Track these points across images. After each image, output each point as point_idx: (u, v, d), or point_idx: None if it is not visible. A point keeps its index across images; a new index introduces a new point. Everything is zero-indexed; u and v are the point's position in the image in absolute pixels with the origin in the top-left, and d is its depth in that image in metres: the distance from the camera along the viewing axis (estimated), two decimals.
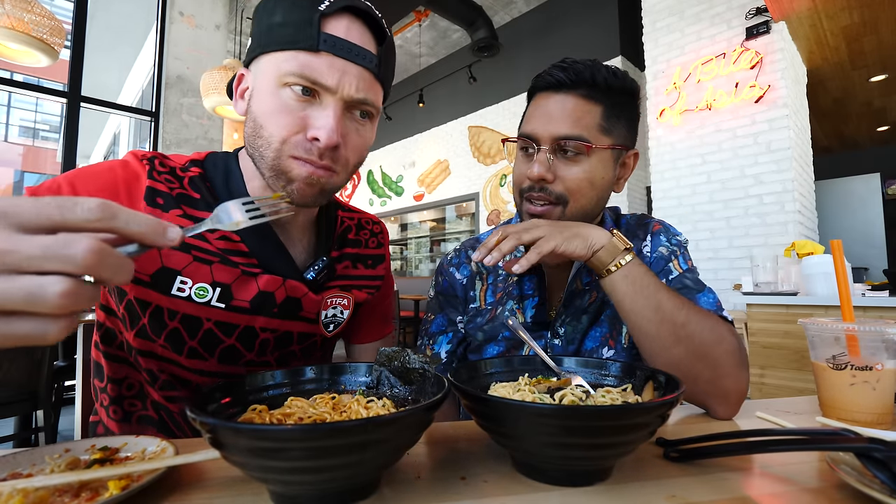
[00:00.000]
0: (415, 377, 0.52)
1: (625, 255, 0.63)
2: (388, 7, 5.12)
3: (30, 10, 2.44)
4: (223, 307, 0.62)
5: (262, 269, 0.64)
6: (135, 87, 8.67)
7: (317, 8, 0.55)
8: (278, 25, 0.56)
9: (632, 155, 0.77)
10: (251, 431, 0.34)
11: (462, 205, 7.67)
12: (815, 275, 2.21)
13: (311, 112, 0.57)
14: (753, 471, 0.46)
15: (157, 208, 0.58)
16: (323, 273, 0.69)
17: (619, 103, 0.72)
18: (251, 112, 0.60)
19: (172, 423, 0.68)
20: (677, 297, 0.63)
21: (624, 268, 0.63)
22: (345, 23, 0.57)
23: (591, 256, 0.64)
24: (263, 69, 0.58)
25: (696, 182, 3.92)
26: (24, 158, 14.17)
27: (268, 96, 0.57)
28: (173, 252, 0.59)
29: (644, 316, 0.62)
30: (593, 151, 0.70)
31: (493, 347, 0.81)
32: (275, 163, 0.58)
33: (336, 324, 0.73)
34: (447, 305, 0.88)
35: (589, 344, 0.77)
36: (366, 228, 0.82)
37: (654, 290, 0.62)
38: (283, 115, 0.56)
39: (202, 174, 0.65)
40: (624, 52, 5.21)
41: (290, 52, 0.55)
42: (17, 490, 0.38)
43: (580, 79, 0.71)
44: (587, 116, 0.70)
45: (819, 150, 5.53)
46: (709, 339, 0.61)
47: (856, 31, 3.79)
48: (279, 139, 0.57)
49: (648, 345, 0.63)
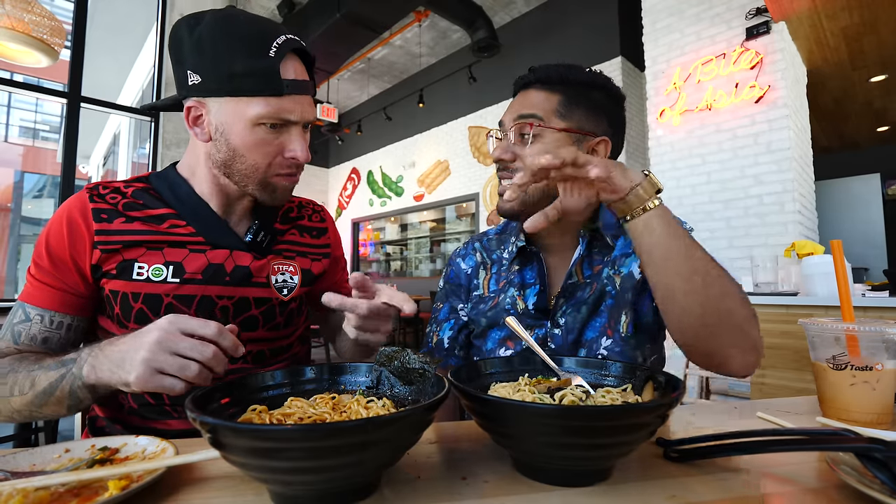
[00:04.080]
0: (415, 377, 0.52)
1: (658, 196, 0.61)
2: (388, 7, 5.12)
3: (30, 10, 2.44)
4: (178, 282, 0.73)
5: (210, 246, 0.76)
6: (135, 87, 8.66)
7: (269, 55, 0.67)
8: (241, 75, 0.67)
9: (600, 141, 0.79)
10: (251, 431, 0.34)
11: (462, 205, 7.67)
12: (815, 275, 2.20)
13: (283, 139, 0.72)
14: (753, 471, 0.46)
15: (103, 222, 0.71)
16: (260, 234, 0.81)
17: (579, 93, 0.78)
18: (224, 143, 0.71)
19: (152, 395, 0.72)
20: (700, 246, 0.62)
21: (658, 207, 0.60)
22: (292, 63, 0.70)
23: (627, 193, 0.59)
24: (230, 110, 0.69)
25: (696, 182, 3.92)
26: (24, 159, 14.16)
27: (245, 133, 0.69)
28: (131, 247, 0.71)
29: (680, 254, 0.60)
30: (547, 131, 0.76)
31: (497, 332, 0.84)
32: (262, 182, 0.74)
33: (288, 288, 0.83)
34: (452, 294, 0.94)
35: (589, 334, 0.78)
36: (307, 207, 0.97)
37: (683, 232, 0.61)
38: (264, 146, 0.71)
39: (146, 186, 0.78)
40: (624, 53, 5.21)
41: (259, 98, 0.68)
42: (17, 490, 0.38)
43: (538, 76, 0.80)
44: (544, 102, 0.78)
45: (819, 150, 5.53)
46: (729, 282, 0.61)
47: (856, 31, 3.79)
48: (265, 164, 0.72)
49: (682, 286, 0.60)
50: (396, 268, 9.50)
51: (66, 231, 0.71)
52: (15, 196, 13.27)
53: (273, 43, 0.67)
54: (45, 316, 0.70)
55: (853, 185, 5.53)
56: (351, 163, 9.66)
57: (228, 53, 0.67)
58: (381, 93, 8.70)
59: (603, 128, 0.79)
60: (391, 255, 9.61)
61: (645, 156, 5.09)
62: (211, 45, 0.67)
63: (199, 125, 0.72)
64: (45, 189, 13.88)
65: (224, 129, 0.70)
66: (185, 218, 0.76)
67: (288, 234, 0.87)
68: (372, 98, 8.91)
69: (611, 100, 0.81)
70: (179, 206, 0.76)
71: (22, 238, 12.46)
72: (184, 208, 0.76)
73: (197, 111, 0.71)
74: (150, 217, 0.74)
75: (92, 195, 0.74)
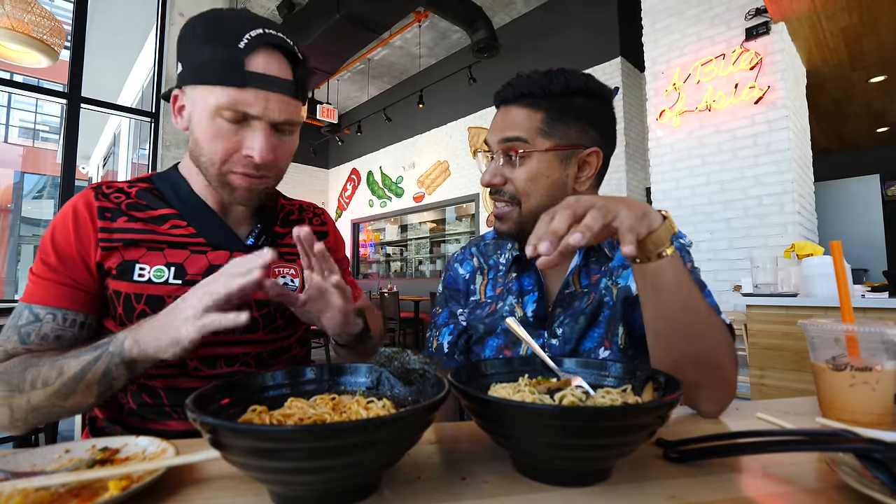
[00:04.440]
0: (415, 377, 0.52)
1: (673, 242, 0.59)
2: (388, 7, 5.13)
3: (30, 10, 2.44)
4: (180, 283, 0.72)
5: (211, 247, 0.76)
6: (135, 88, 8.66)
7: (237, 46, 0.65)
8: (207, 63, 0.66)
9: (591, 153, 0.77)
10: (251, 432, 0.34)
11: (462, 206, 7.67)
12: (815, 276, 2.20)
13: (243, 134, 0.69)
14: (753, 471, 0.46)
15: (107, 220, 0.72)
16: (262, 238, 0.81)
17: (564, 106, 0.76)
18: (192, 132, 0.71)
19: (150, 395, 0.72)
20: (698, 289, 0.62)
21: (672, 255, 0.57)
22: (263, 57, 0.68)
23: (647, 234, 0.55)
24: (198, 98, 0.69)
25: (695, 183, 3.92)
26: (24, 159, 14.16)
27: (205, 122, 0.68)
28: (130, 247, 0.71)
29: (682, 305, 0.59)
30: (533, 154, 0.75)
31: (494, 340, 0.84)
32: (219, 177, 0.72)
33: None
34: (450, 299, 0.94)
35: (587, 344, 0.78)
36: (307, 210, 0.96)
37: (688, 278, 0.59)
38: (221, 139, 0.68)
39: (149, 186, 0.78)
40: (623, 53, 5.21)
41: (220, 87, 0.66)
42: (17, 490, 0.38)
43: (520, 92, 0.77)
44: (526, 122, 0.76)
45: (819, 151, 5.53)
46: (721, 332, 0.62)
47: (855, 31, 3.79)
48: (220, 159, 0.70)
49: (675, 334, 0.60)
50: (396, 269, 9.50)
51: (72, 226, 0.71)
52: (15, 197, 13.27)
53: (246, 35, 0.67)
54: (58, 314, 0.68)
55: (853, 186, 5.53)
56: (351, 163, 9.67)
57: (203, 43, 0.68)
58: (380, 93, 8.71)
59: (591, 136, 0.77)
60: (391, 255, 9.61)
61: (644, 157, 5.09)
62: (192, 35, 0.69)
63: (180, 114, 0.74)
64: (45, 190, 13.89)
65: (192, 117, 0.71)
66: (186, 218, 0.76)
67: (289, 237, 0.86)
68: (372, 99, 8.92)
69: (596, 102, 0.78)
70: (181, 205, 0.77)
71: (22, 239, 12.45)
72: (185, 208, 0.77)
73: (180, 101, 0.73)
74: (152, 218, 0.74)
75: (97, 194, 0.74)
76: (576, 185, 0.78)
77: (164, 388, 0.72)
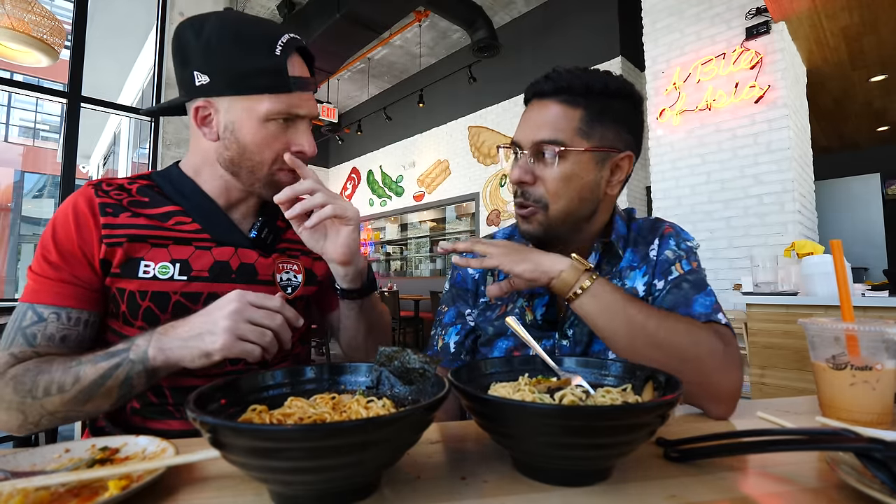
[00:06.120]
0: (415, 377, 0.52)
1: (587, 277, 0.65)
2: (388, 7, 5.12)
3: (30, 10, 2.44)
4: (185, 279, 0.73)
5: (216, 243, 0.76)
6: (135, 87, 8.66)
7: (274, 54, 0.69)
8: (249, 74, 0.69)
9: (624, 157, 0.76)
10: (251, 431, 0.34)
11: (462, 205, 7.67)
12: (815, 275, 2.20)
13: (290, 134, 0.74)
14: (753, 471, 0.46)
15: (109, 216, 0.71)
16: (265, 231, 0.82)
17: (603, 107, 0.74)
18: (237, 141, 0.73)
19: (156, 394, 0.72)
20: (647, 308, 0.65)
21: (589, 289, 0.64)
22: (296, 61, 0.73)
23: (549, 282, 0.67)
24: (239, 108, 0.71)
25: (695, 182, 3.92)
26: (24, 158, 14.15)
27: (255, 129, 0.72)
28: (135, 243, 0.71)
29: (617, 331, 0.64)
30: (570, 154, 0.73)
31: (504, 342, 0.83)
32: (268, 177, 0.75)
33: (293, 286, 0.84)
34: (458, 298, 0.92)
35: (596, 346, 0.77)
36: None
37: (622, 305, 0.64)
38: (274, 141, 0.73)
39: (150, 184, 0.78)
40: (624, 53, 5.21)
41: (268, 95, 0.70)
42: (17, 490, 0.38)
43: (559, 86, 0.74)
44: (564, 121, 0.73)
45: (819, 150, 5.52)
46: (684, 342, 0.63)
47: (855, 31, 3.79)
48: (271, 160, 0.74)
49: (627, 356, 0.65)
50: (396, 267, 9.50)
51: (73, 223, 0.70)
52: (15, 196, 13.27)
53: (278, 42, 0.70)
54: (62, 313, 0.67)
55: (853, 184, 5.53)
56: (351, 163, 9.67)
57: (237, 54, 0.69)
58: (381, 93, 8.70)
59: (625, 140, 0.76)
60: (391, 254, 9.61)
61: (645, 156, 5.08)
62: (219, 46, 0.69)
63: (208, 125, 0.74)
64: (45, 189, 13.88)
65: (234, 126, 0.72)
66: (190, 214, 0.76)
67: (290, 233, 0.86)
68: (372, 98, 8.92)
69: (632, 106, 0.77)
70: (184, 202, 0.76)
71: (22, 238, 12.46)
72: (189, 204, 0.76)
73: (205, 111, 0.73)
74: (156, 214, 0.74)
75: (97, 190, 0.73)
76: (607, 189, 0.77)
77: (169, 387, 0.72)
